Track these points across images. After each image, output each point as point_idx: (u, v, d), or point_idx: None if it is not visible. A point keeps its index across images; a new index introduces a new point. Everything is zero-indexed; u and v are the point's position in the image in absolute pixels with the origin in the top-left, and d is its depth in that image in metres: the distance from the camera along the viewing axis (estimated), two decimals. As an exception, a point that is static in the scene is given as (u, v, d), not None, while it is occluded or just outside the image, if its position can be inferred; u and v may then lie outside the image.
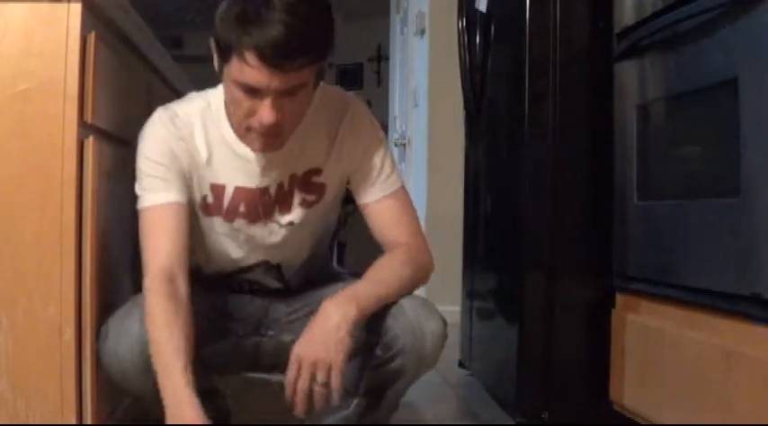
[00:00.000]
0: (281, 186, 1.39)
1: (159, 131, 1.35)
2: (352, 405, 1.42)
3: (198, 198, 1.39)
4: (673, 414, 1.50)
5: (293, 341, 1.34)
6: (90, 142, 1.28)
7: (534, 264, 1.85)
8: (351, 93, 1.48)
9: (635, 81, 1.71)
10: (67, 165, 1.24)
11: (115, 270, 1.41)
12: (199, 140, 1.36)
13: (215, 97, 1.38)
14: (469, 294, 2.49)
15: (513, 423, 1.92)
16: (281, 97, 1.22)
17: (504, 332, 2.03)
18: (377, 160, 1.42)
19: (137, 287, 1.34)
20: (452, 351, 1.45)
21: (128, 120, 1.48)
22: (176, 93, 1.93)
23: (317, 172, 1.41)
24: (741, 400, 1.28)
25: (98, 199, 1.30)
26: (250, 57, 1.17)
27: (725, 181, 1.35)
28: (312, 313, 1.42)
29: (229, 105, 1.31)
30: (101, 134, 1.35)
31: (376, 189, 1.42)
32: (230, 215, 1.40)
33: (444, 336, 1.35)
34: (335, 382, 1.22)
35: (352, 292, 1.29)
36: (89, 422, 1.27)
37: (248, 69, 1.18)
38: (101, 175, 1.31)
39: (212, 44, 1.26)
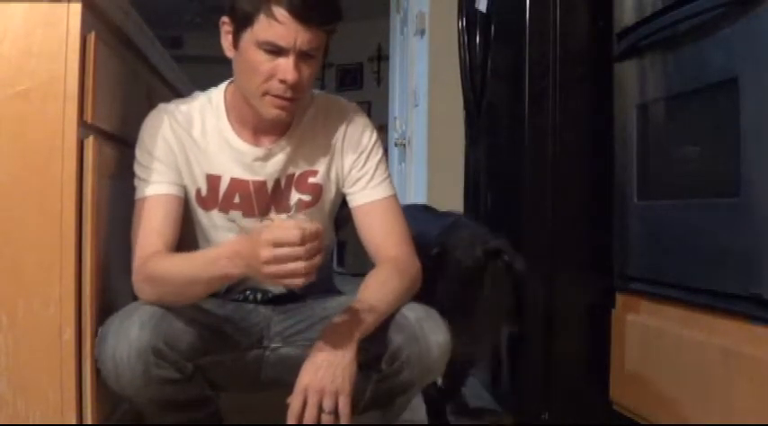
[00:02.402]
0: (277, 183, 1.43)
1: (158, 124, 1.39)
2: (358, 410, 1.42)
3: (193, 191, 1.41)
4: (673, 414, 1.50)
5: (296, 356, 1.34)
6: (90, 142, 1.28)
7: (534, 264, 1.85)
8: (352, 103, 1.52)
9: (635, 81, 1.71)
10: (67, 165, 1.24)
11: (115, 271, 1.41)
12: (197, 132, 1.41)
13: (216, 93, 1.44)
14: (469, 294, 2.48)
15: (513, 423, 1.92)
16: (301, 58, 1.30)
17: (504, 332, 2.02)
18: (371, 165, 1.46)
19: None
20: (452, 351, 1.46)
21: (128, 121, 1.49)
22: (176, 94, 1.93)
23: (314, 173, 1.45)
24: (741, 400, 1.28)
25: (98, 199, 1.30)
26: (280, 12, 1.26)
27: (725, 181, 1.35)
28: (313, 325, 1.42)
29: (246, 74, 1.34)
30: (101, 134, 1.35)
31: (367, 192, 1.46)
32: (225, 205, 1.42)
33: (449, 345, 1.34)
34: (345, 409, 1.21)
35: (353, 315, 1.28)
36: (89, 422, 1.27)
37: (277, 26, 1.26)
38: (101, 175, 1.31)
39: (225, 21, 1.34)
